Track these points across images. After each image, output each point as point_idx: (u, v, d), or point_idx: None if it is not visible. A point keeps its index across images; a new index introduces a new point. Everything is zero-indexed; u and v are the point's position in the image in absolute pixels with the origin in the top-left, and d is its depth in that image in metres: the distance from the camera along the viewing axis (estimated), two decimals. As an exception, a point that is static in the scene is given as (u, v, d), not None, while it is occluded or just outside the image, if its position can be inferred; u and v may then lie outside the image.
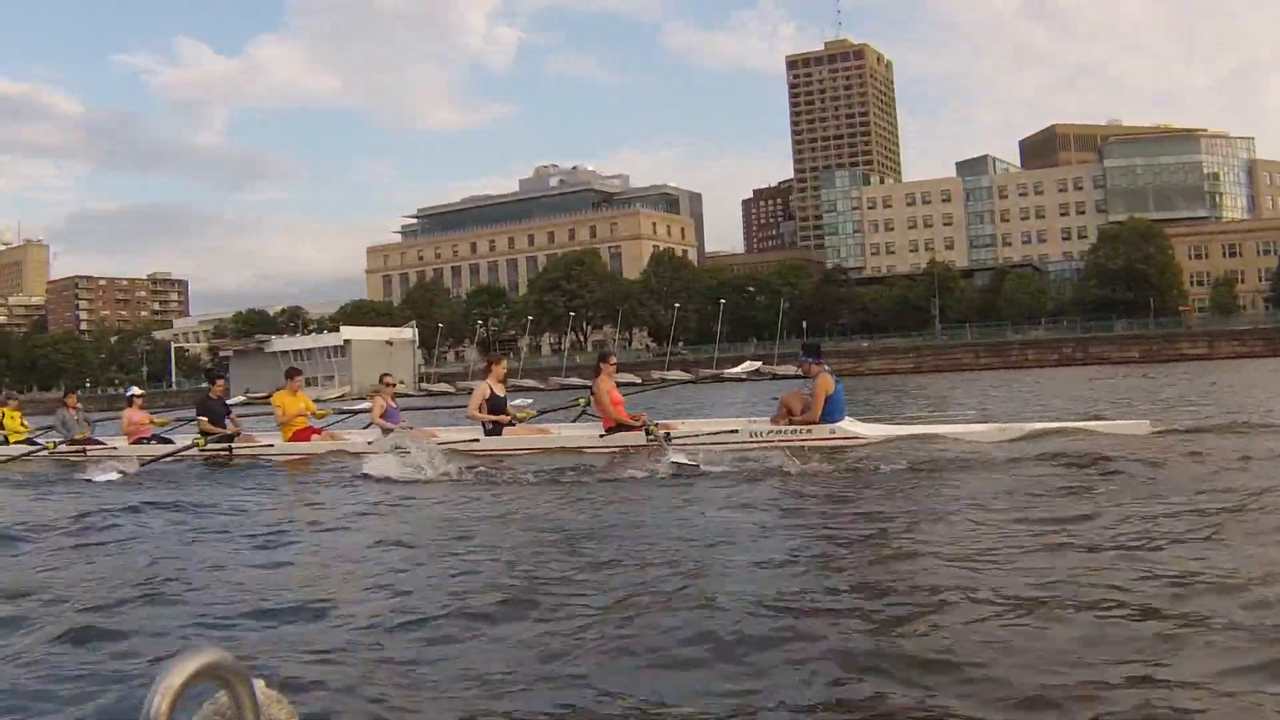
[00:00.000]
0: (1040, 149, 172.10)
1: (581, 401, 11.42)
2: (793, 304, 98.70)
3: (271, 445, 12.42)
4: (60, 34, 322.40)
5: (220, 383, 13.69)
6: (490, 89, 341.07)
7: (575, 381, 75.32)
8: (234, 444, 12.56)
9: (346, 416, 13.62)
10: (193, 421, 13.58)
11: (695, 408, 22.63)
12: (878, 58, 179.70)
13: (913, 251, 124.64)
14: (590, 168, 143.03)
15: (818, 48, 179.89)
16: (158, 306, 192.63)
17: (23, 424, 15.29)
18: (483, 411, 11.04)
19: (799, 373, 10.57)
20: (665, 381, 70.73)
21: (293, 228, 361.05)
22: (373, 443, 11.29)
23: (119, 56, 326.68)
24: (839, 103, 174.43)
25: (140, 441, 13.50)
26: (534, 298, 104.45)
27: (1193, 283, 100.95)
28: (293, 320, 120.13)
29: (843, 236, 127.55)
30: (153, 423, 14.27)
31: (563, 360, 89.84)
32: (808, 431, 9.80)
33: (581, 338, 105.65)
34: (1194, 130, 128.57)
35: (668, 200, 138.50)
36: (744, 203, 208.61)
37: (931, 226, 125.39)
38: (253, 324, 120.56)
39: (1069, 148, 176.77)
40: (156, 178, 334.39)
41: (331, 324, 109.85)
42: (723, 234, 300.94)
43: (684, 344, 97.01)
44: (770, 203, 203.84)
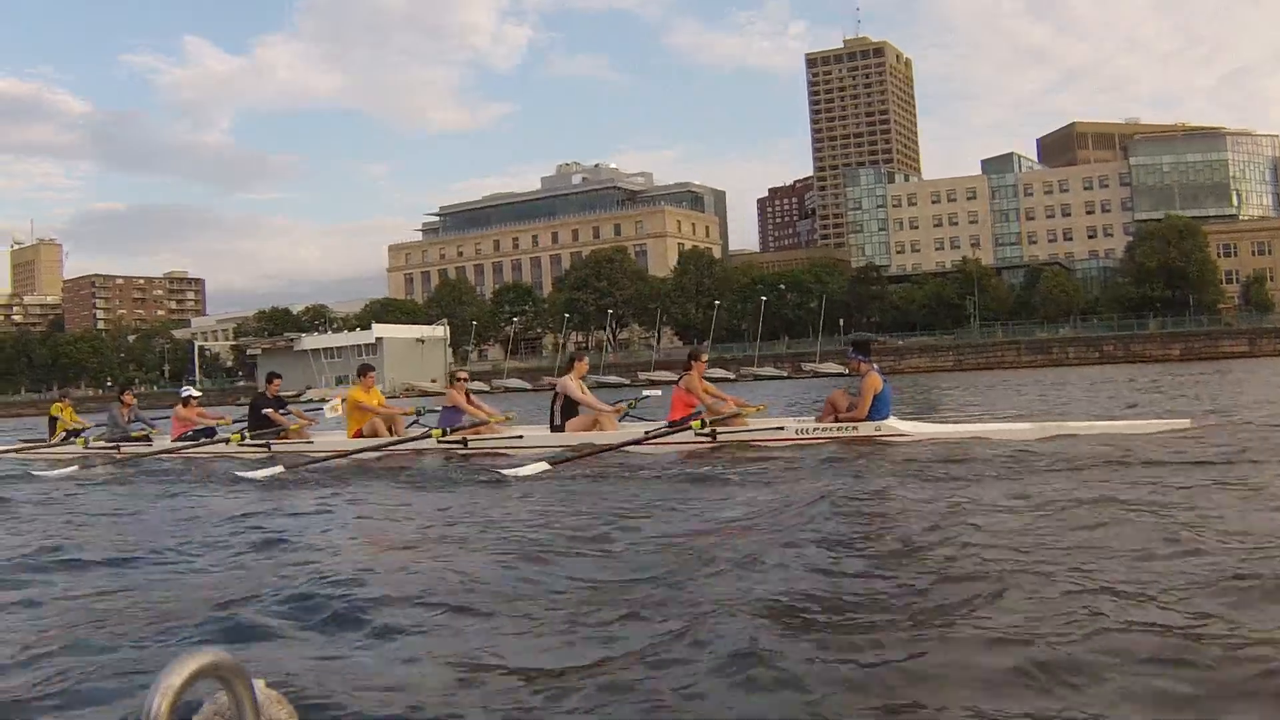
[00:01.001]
0: (1059, 147, 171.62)
1: (634, 403, 11.59)
2: (822, 302, 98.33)
3: (311, 442, 12.40)
4: (67, 34, 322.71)
5: (277, 381, 13.69)
6: (496, 89, 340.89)
7: (612, 380, 74.85)
8: (276, 440, 12.55)
9: (420, 414, 13.15)
10: (240, 422, 13.59)
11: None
12: (897, 55, 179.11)
13: (938, 249, 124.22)
14: (613, 165, 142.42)
15: (836, 45, 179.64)
16: (174, 305, 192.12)
17: (74, 419, 15.39)
18: (562, 407, 11.08)
19: (846, 370, 10.59)
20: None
21: (298, 228, 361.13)
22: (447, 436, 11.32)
23: (125, 56, 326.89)
24: (859, 100, 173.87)
25: (183, 437, 13.63)
26: (563, 295, 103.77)
27: (1223, 280, 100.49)
28: (317, 319, 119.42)
29: (868, 234, 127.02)
30: (201, 415, 14.19)
31: (601, 358, 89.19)
32: (854, 428, 9.79)
33: (612, 336, 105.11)
34: (1219, 128, 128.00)
35: (692, 198, 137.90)
36: (759, 201, 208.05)
37: (957, 224, 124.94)
38: (276, 322, 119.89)
39: (1087, 146, 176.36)
40: (162, 178, 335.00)
41: (357, 323, 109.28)
42: (734, 232, 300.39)
43: (709, 342, 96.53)
44: (786, 201, 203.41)
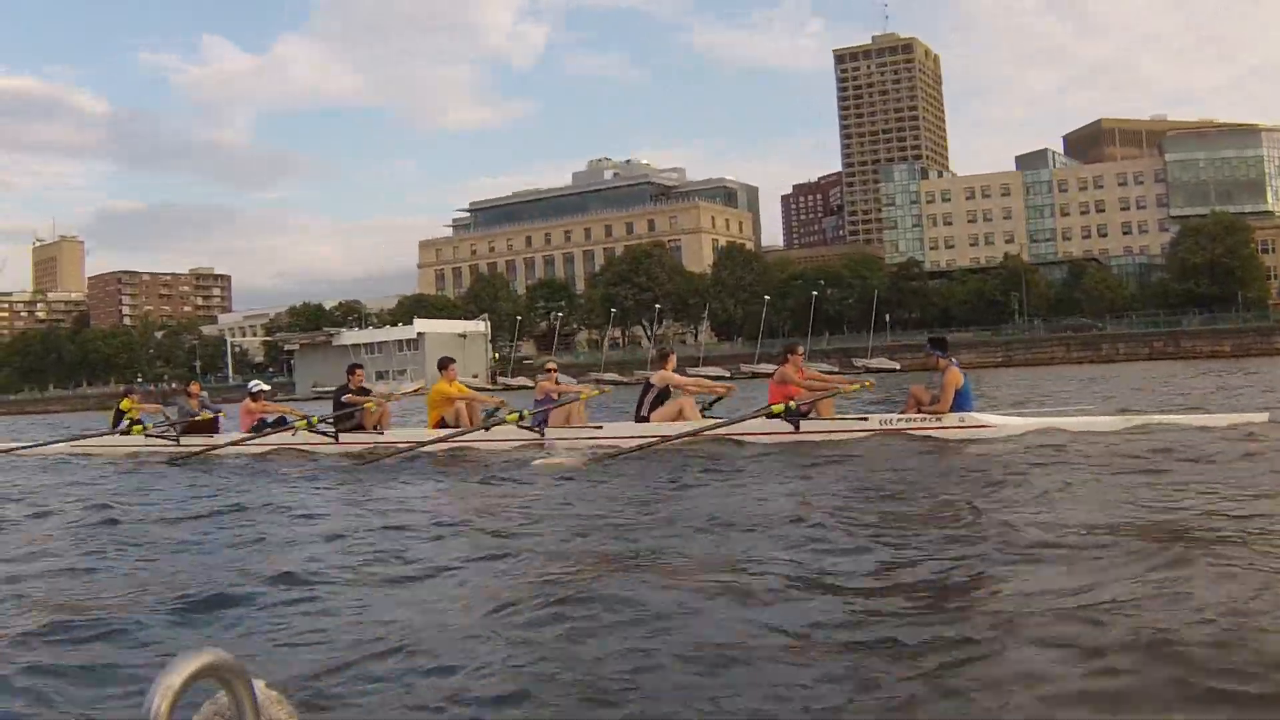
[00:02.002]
0: (1086, 143, 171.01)
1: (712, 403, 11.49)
2: (860, 298, 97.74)
3: (381, 434, 12.34)
4: (85, 33, 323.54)
5: (359, 372, 13.40)
6: (515, 87, 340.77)
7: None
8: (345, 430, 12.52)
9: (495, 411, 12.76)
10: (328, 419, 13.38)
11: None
12: (925, 51, 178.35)
13: (972, 245, 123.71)
14: (644, 161, 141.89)
15: (863, 42, 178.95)
16: (200, 301, 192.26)
17: (143, 411, 15.30)
18: (653, 399, 11.21)
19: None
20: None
21: (317, 226, 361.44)
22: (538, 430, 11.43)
23: (143, 55, 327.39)
24: (888, 97, 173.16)
25: (253, 428, 13.54)
26: (601, 291, 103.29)
27: (1268, 277, 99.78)
28: (351, 314, 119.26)
29: (902, 230, 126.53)
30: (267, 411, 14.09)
31: (646, 354, 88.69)
32: (938, 420, 9.93)
33: (649, 332, 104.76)
34: (1254, 125, 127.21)
35: (725, 193, 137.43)
36: (783, 198, 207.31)
37: (991, 220, 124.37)
38: (307, 318, 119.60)
39: (1114, 142, 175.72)
40: (180, 176, 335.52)
41: (391, 319, 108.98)
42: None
43: (741, 339, 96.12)
44: (810, 198, 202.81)
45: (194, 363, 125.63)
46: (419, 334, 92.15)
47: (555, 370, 12.71)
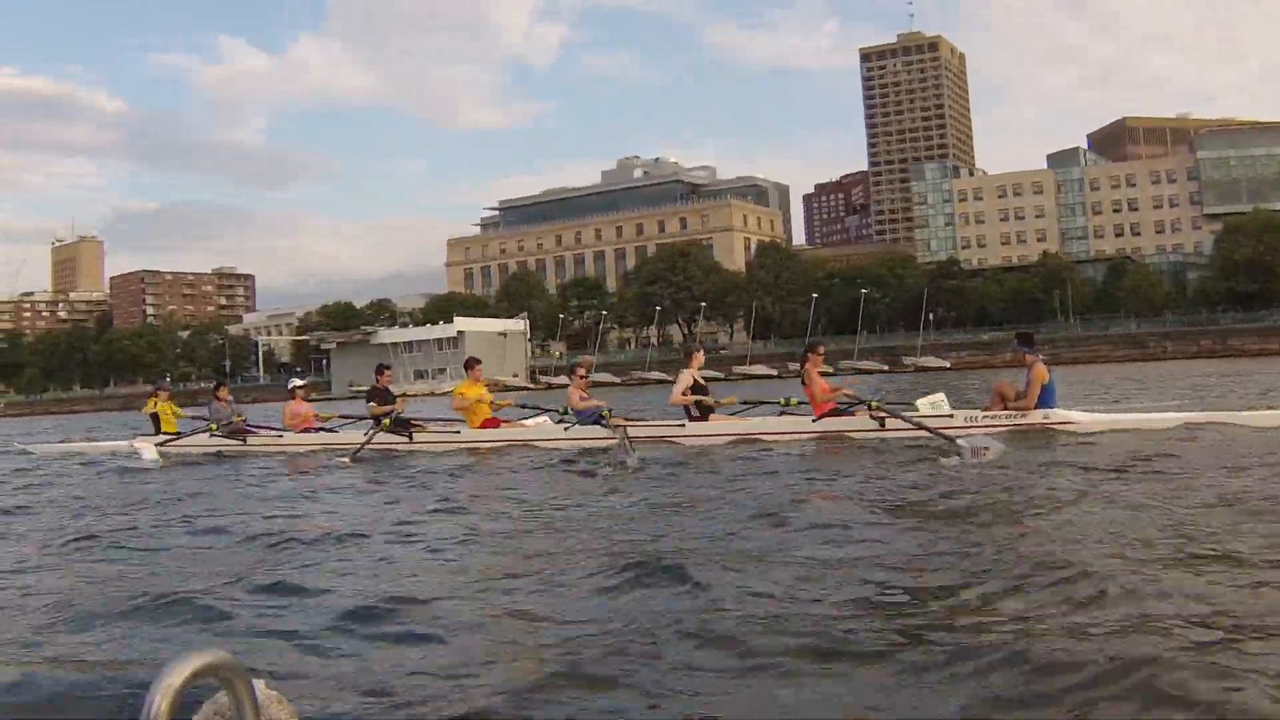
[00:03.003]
0: (1110, 142, 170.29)
1: (792, 400, 11.16)
2: (896, 297, 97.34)
3: (458, 433, 12.32)
4: (101, 33, 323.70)
5: (387, 373, 13.46)
6: (532, 87, 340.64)
7: (710, 374, 73.89)
8: (414, 433, 12.45)
9: (535, 411, 12.78)
10: (362, 420, 13.46)
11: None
12: (951, 50, 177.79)
13: (1004, 244, 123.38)
14: (673, 159, 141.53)
15: (888, 40, 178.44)
16: (224, 301, 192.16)
17: (175, 413, 15.26)
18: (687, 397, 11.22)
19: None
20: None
21: (334, 226, 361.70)
22: (568, 428, 11.50)
23: (160, 55, 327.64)
24: (914, 95, 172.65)
25: (307, 433, 13.48)
26: (636, 290, 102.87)
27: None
28: (382, 313, 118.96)
29: (934, 229, 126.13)
30: (317, 417, 14.08)
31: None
32: (1023, 416, 9.94)
33: (686, 331, 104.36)
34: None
35: (756, 192, 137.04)
36: (805, 197, 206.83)
37: (1023, 219, 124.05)
38: (338, 316, 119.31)
39: (1138, 140, 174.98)
40: (196, 176, 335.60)
41: (424, 317, 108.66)
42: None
43: (776, 338, 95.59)
44: (832, 197, 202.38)
45: (223, 362, 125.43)
46: (459, 332, 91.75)
47: (587, 374, 12.58)
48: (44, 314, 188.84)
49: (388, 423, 12.28)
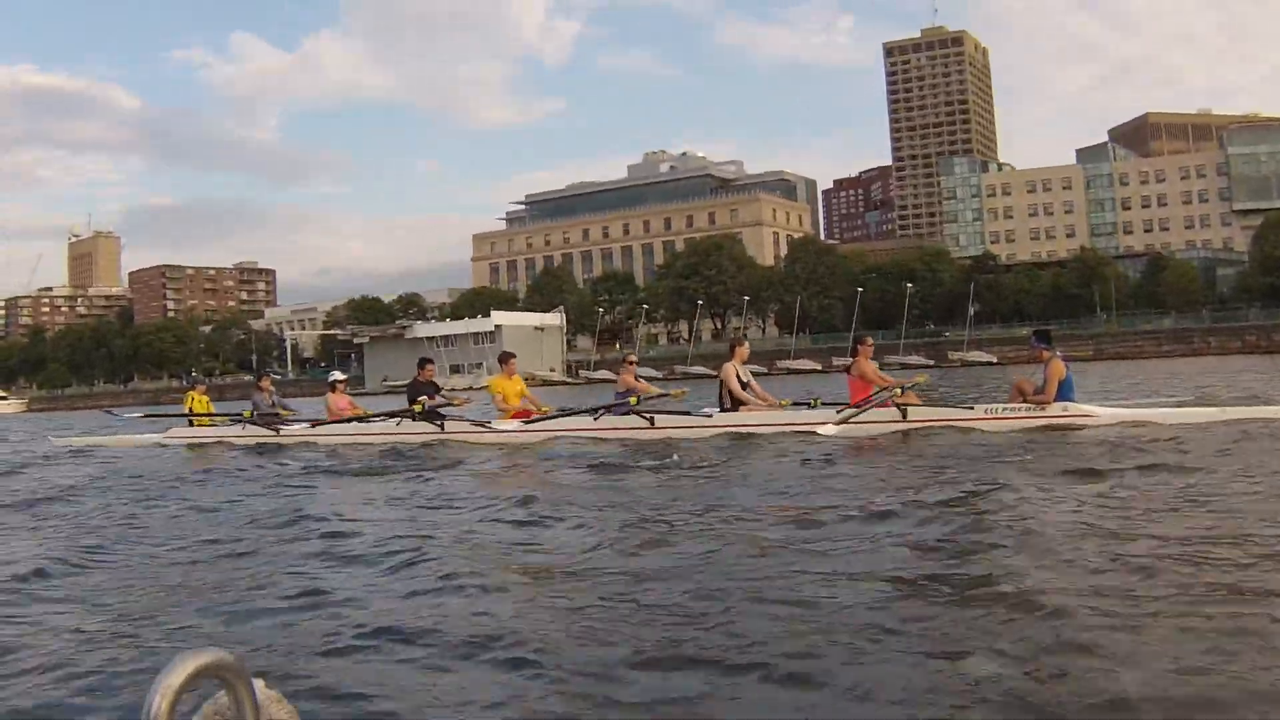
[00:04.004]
0: (1132, 138, 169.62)
1: (816, 401, 11.54)
2: (929, 292, 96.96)
3: (489, 424, 12.38)
4: (117, 30, 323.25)
5: (430, 367, 13.43)
6: (547, 84, 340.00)
7: (755, 368, 73.40)
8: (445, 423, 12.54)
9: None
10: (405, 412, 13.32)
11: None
12: (975, 44, 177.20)
13: (1033, 239, 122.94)
14: (700, 154, 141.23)
15: (912, 35, 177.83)
16: (245, 296, 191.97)
17: (209, 407, 15.55)
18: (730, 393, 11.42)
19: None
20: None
21: (349, 221, 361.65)
22: (598, 418, 11.69)
23: (175, 52, 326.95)
24: (938, 90, 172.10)
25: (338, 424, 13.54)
26: (669, 284, 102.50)
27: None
28: (410, 308, 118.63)
29: (963, 224, 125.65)
30: (354, 408, 14.18)
31: (725, 347, 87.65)
32: (1041, 410, 10.14)
33: (719, 325, 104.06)
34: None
35: (785, 186, 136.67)
36: (824, 193, 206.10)
37: (1052, 214, 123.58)
38: (366, 311, 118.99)
39: (1160, 136, 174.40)
40: (212, 173, 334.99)
41: (453, 312, 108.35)
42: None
43: (808, 333, 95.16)
44: (851, 193, 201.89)
45: (249, 357, 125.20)
46: (496, 326, 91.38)
47: (635, 364, 12.98)
48: (62, 309, 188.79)
49: (419, 408, 12.50)
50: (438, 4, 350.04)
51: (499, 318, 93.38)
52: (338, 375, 14.48)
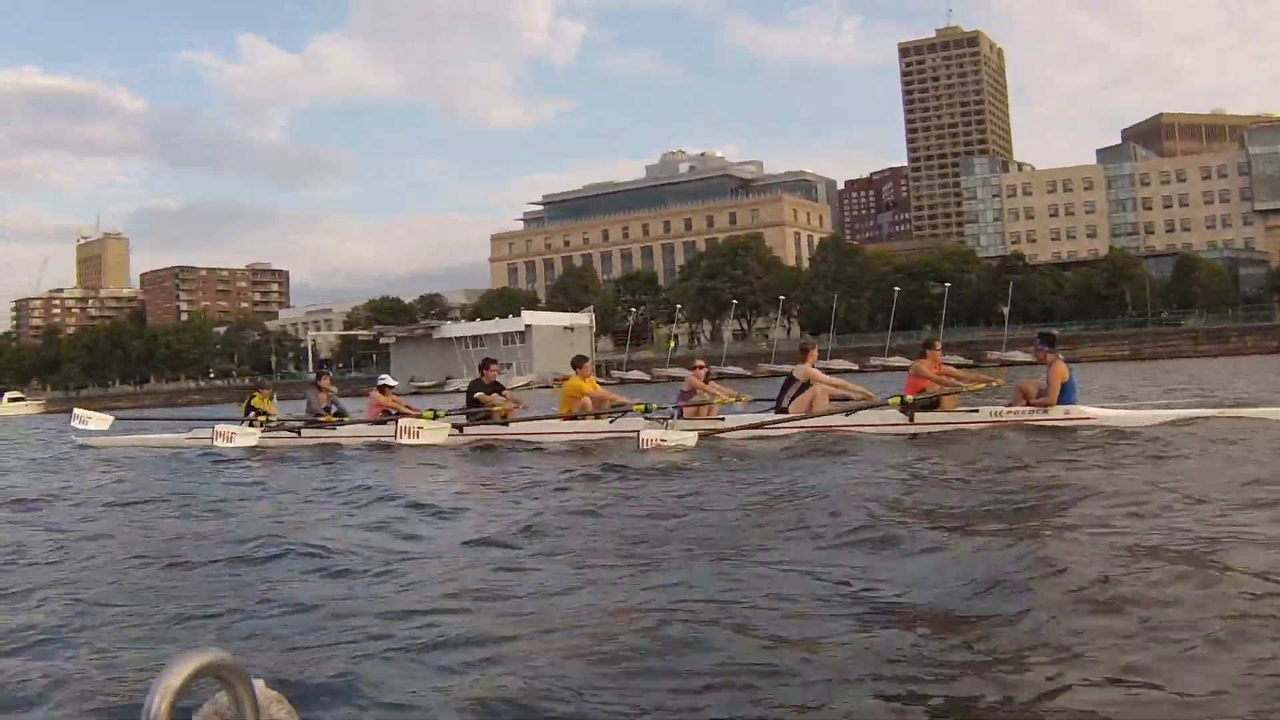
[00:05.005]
0: (1146, 138, 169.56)
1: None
2: (955, 292, 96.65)
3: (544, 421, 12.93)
4: (123, 33, 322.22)
5: (494, 367, 13.69)
6: (554, 85, 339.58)
7: (787, 368, 73.06)
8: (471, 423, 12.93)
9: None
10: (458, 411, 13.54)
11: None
12: (990, 45, 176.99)
13: (1054, 240, 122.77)
14: (719, 154, 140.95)
15: (929, 35, 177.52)
16: (259, 297, 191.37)
17: (273, 408, 15.70)
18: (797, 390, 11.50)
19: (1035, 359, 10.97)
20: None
21: (358, 222, 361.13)
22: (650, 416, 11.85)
23: (181, 54, 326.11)
24: (953, 90, 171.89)
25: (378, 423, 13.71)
26: (695, 284, 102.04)
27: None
28: (432, 308, 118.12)
29: (983, 224, 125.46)
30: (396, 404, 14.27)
31: (754, 348, 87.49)
32: (1044, 412, 10.28)
33: (745, 326, 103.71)
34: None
35: (805, 187, 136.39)
36: (836, 194, 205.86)
37: (1073, 214, 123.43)
38: (386, 311, 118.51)
39: (1174, 136, 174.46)
40: (219, 175, 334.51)
41: (475, 313, 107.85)
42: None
43: (832, 332, 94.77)
44: (863, 194, 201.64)
45: (267, 358, 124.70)
46: (526, 326, 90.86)
47: (705, 367, 13.23)
48: (74, 311, 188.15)
49: (442, 413, 12.95)
50: (444, 5, 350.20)
51: (529, 317, 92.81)
52: (387, 380, 14.62)
